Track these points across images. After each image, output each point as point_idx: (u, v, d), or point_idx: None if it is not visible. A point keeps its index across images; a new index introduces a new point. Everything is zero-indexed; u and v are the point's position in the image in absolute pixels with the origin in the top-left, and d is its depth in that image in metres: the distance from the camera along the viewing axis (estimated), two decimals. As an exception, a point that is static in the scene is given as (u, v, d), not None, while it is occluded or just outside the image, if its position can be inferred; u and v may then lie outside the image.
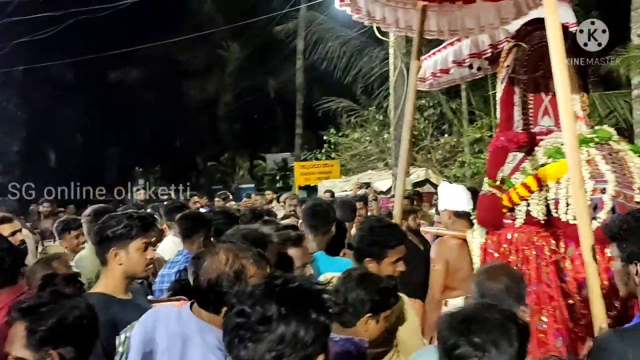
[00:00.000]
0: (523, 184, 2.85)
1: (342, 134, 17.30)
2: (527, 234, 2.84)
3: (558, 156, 2.82)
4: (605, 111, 11.62)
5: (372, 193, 10.05)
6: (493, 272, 2.30)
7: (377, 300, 2.36)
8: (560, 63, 2.46)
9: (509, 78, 3.20)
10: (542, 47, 3.07)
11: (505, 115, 3.23)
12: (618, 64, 10.66)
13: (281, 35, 19.81)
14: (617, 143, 2.98)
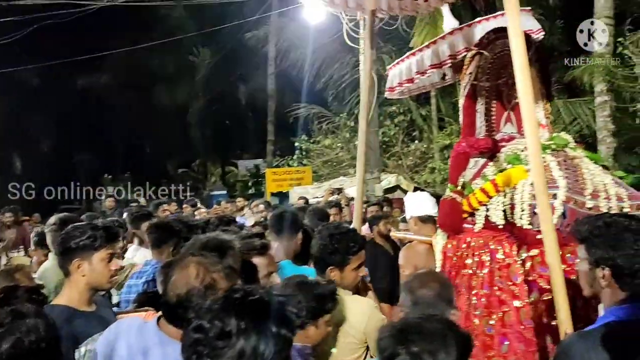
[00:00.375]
0: (482, 190, 2.89)
1: (314, 140, 17.35)
2: (484, 239, 2.88)
3: (516, 162, 2.87)
4: (570, 118, 11.90)
5: (344, 199, 10.07)
6: (424, 279, 2.33)
7: (315, 307, 2.39)
8: (523, 71, 2.51)
9: (472, 86, 3.24)
10: (504, 55, 3.12)
11: (468, 121, 3.27)
12: (582, 72, 10.99)
13: (252, 41, 19.78)
14: (574, 150, 3.02)
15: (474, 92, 3.24)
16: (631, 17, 10.68)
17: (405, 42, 12.87)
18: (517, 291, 2.71)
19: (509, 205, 2.81)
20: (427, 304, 2.19)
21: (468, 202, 2.96)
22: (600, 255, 1.90)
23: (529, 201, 2.71)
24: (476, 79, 3.20)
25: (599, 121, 10.79)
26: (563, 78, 12.32)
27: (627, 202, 2.70)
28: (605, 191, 2.71)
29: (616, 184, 2.80)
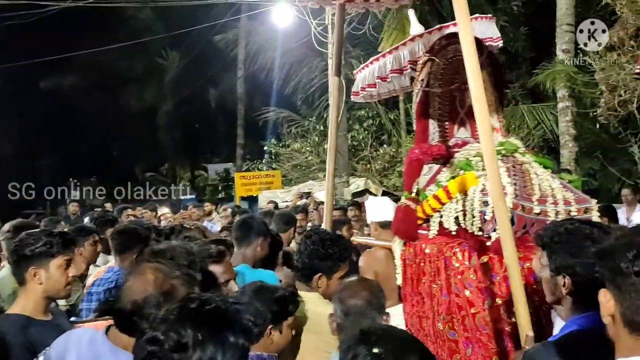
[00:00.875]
0: (434, 196, 2.90)
1: (283, 144, 17.32)
2: (438, 246, 2.88)
3: (468, 168, 2.88)
4: (534, 123, 12.11)
5: (312, 203, 10.07)
6: (353, 289, 2.33)
7: (276, 311, 2.35)
8: (475, 77, 2.51)
9: (424, 92, 3.25)
10: (456, 61, 3.11)
11: (421, 128, 3.28)
12: (544, 77, 11.21)
13: (220, 44, 19.68)
14: (523, 155, 3.02)
15: (427, 98, 3.25)
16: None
17: (374, 47, 12.97)
18: (471, 298, 2.72)
19: (461, 211, 2.82)
20: (359, 313, 2.20)
21: (422, 209, 2.96)
22: (560, 263, 1.89)
23: (479, 208, 2.71)
24: (428, 85, 3.21)
25: (561, 126, 11.01)
26: (527, 83, 12.57)
27: (575, 205, 2.72)
28: (552, 196, 2.71)
29: (564, 188, 2.82)
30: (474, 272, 2.71)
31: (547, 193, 2.72)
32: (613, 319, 1.35)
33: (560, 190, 2.77)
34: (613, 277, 1.35)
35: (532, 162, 2.96)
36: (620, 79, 8.96)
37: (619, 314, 1.33)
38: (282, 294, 2.42)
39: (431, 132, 3.27)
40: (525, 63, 13.82)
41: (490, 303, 2.67)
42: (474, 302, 2.70)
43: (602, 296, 1.38)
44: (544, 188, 2.75)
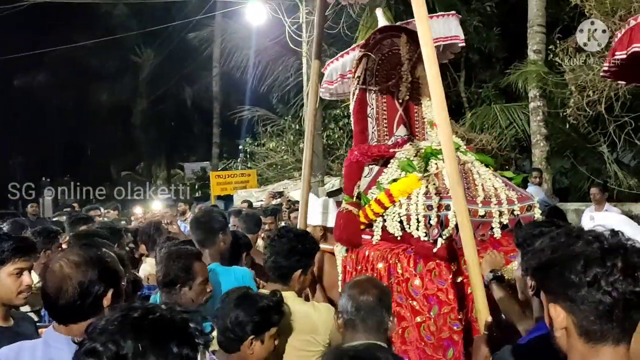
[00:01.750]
0: (377, 200, 2.78)
1: (259, 143, 17.21)
2: (382, 252, 2.77)
3: (409, 169, 2.79)
4: (506, 122, 12.19)
5: (285, 202, 10.00)
6: (363, 286, 2.27)
7: (258, 321, 2.27)
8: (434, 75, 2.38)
9: (360, 90, 3.12)
10: (393, 55, 3.05)
11: (359, 127, 3.15)
12: (516, 77, 11.31)
13: (195, 42, 19.48)
14: (464, 154, 2.95)
15: (364, 96, 3.13)
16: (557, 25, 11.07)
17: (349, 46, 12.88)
18: (417, 307, 2.62)
19: (405, 216, 2.71)
20: (369, 310, 2.15)
21: (364, 214, 2.84)
22: (529, 265, 1.89)
23: (423, 212, 2.62)
24: (364, 82, 3.10)
25: (533, 125, 11.14)
26: (500, 83, 12.66)
27: (518, 204, 2.67)
28: (496, 195, 2.66)
29: (506, 187, 2.76)
30: (420, 279, 2.62)
31: (491, 193, 2.66)
32: (566, 331, 1.31)
33: (503, 189, 2.71)
34: (563, 290, 1.30)
35: (474, 161, 2.87)
36: (589, 79, 9.07)
37: (573, 325, 1.30)
38: (266, 304, 2.32)
39: (370, 132, 3.14)
40: (499, 63, 13.90)
41: (436, 311, 2.59)
42: (420, 311, 2.62)
43: (552, 311, 1.33)
44: (487, 188, 2.68)
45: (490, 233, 2.65)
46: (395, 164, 2.91)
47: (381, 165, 3.00)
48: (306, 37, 12.71)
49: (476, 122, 12.53)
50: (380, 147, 3.03)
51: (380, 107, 3.13)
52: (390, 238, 2.77)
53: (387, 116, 3.14)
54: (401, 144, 3.04)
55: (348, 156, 3.05)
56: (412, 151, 2.90)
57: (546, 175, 10.75)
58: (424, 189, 2.68)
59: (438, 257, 2.57)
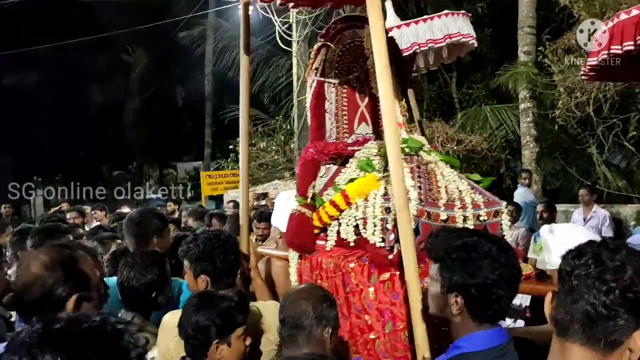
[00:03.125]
0: (331, 202, 2.57)
1: (250, 143, 17.12)
2: (336, 259, 2.56)
3: (368, 169, 2.60)
4: (496, 123, 12.17)
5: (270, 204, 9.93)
6: (292, 297, 2.20)
7: (220, 324, 2.17)
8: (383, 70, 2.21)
9: (318, 83, 2.89)
10: (355, 47, 2.86)
11: (316, 123, 2.90)
12: (507, 79, 11.29)
13: (186, 41, 19.38)
14: (428, 153, 2.72)
15: (322, 90, 2.90)
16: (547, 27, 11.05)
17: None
18: (370, 321, 2.42)
19: (361, 219, 2.50)
20: (293, 323, 2.08)
21: (318, 217, 2.64)
22: (456, 282, 1.75)
23: (380, 215, 2.42)
24: (323, 74, 2.89)
25: (522, 127, 11.12)
26: (490, 84, 12.64)
27: (484, 209, 2.47)
28: (460, 199, 2.46)
29: (473, 190, 2.57)
30: (374, 291, 2.40)
31: (455, 197, 2.47)
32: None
33: (468, 192, 2.51)
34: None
35: (438, 162, 2.68)
36: (577, 81, 9.05)
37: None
38: (227, 305, 2.22)
39: (328, 129, 2.91)
40: (490, 64, 13.88)
41: (390, 327, 2.38)
42: (374, 326, 2.41)
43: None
44: (451, 191, 2.49)
45: None
46: (354, 163, 2.71)
47: (339, 165, 2.81)
48: (296, 36, 12.68)
49: (467, 123, 12.51)
50: (339, 144, 2.83)
51: (340, 102, 2.91)
52: (346, 244, 2.58)
53: (347, 112, 2.92)
54: (362, 143, 2.83)
55: (302, 154, 2.87)
56: (374, 150, 2.70)
57: (536, 177, 10.73)
58: (383, 190, 2.48)
59: (393, 266, 2.37)
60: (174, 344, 2.34)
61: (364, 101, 2.92)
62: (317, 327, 2.07)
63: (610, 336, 1.25)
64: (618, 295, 1.24)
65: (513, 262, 1.78)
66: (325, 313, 2.12)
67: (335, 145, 2.82)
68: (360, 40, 2.81)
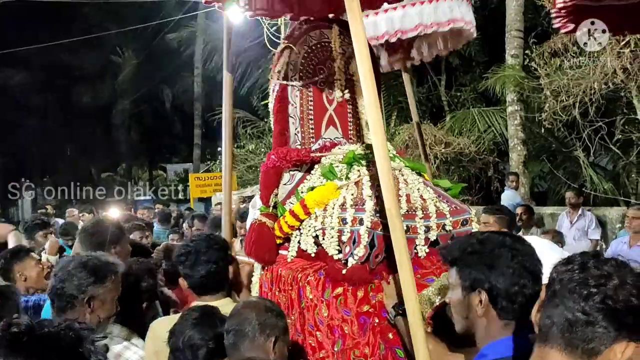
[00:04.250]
0: (291, 211, 2.47)
1: (238, 145, 17.06)
2: (294, 272, 2.44)
3: (330, 176, 2.48)
4: (484, 126, 12.19)
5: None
6: (239, 307, 2.13)
7: (213, 348, 2.08)
8: (366, 71, 2.08)
9: (282, 86, 2.76)
10: (322, 48, 2.74)
11: (279, 129, 2.77)
12: (494, 82, 11.31)
13: (175, 43, 19.30)
14: (392, 160, 2.55)
15: (285, 93, 2.78)
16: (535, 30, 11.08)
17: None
18: (321, 338, 2.30)
19: (320, 230, 2.40)
20: (236, 332, 2.00)
21: (279, 227, 2.53)
22: (475, 276, 1.64)
23: (338, 226, 2.31)
24: (286, 78, 2.76)
25: (510, 129, 11.13)
26: (478, 87, 12.66)
27: (450, 218, 2.37)
28: (423, 208, 2.35)
29: (439, 198, 2.46)
30: (326, 307, 2.27)
31: (417, 205, 2.34)
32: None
33: (433, 200, 2.40)
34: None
35: (403, 168, 2.56)
36: (564, 84, 9.06)
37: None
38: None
39: (292, 134, 2.77)
40: (479, 67, 13.91)
41: (340, 346, 2.25)
42: (324, 344, 2.29)
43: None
44: (413, 199, 2.37)
45: (415, 251, 2.32)
46: (318, 170, 2.60)
47: (305, 172, 2.69)
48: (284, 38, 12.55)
49: (455, 125, 12.51)
50: (301, 150, 2.70)
51: (306, 106, 2.76)
52: (307, 255, 2.47)
53: (313, 116, 2.76)
54: (330, 148, 2.69)
55: (265, 161, 2.75)
56: (339, 156, 2.59)
57: (523, 179, 10.73)
58: (341, 199, 2.37)
59: (347, 280, 2.26)
60: (164, 351, 2.22)
61: (332, 104, 2.78)
62: (260, 335, 2.00)
63: (588, 344, 1.22)
64: (598, 301, 1.21)
65: (532, 251, 1.67)
66: (269, 322, 2.04)
67: (298, 151, 2.70)
68: (328, 41, 2.70)
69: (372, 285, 2.20)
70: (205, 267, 2.45)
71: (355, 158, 2.52)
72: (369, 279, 2.23)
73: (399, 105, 13.07)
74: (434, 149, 11.37)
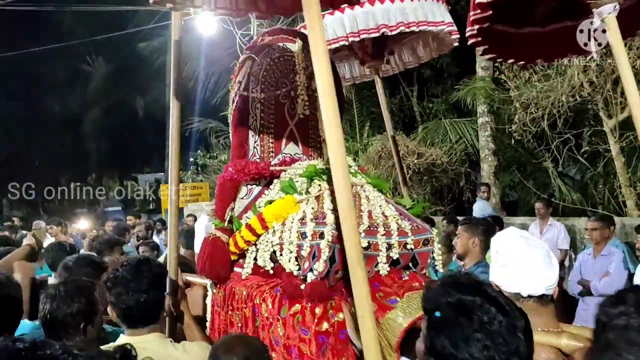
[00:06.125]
0: (247, 226, 2.38)
1: (211, 155, 16.89)
2: (248, 289, 2.34)
3: (290, 191, 2.41)
4: (456, 137, 12.29)
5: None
6: (228, 343, 2.00)
7: None
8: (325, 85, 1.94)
9: (242, 97, 2.67)
10: (284, 61, 2.67)
11: (238, 140, 2.71)
12: (465, 93, 11.44)
13: (146, 52, 19.10)
14: (354, 175, 2.50)
15: (245, 105, 2.70)
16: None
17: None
18: (276, 358, 2.20)
19: (277, 245, 2.31)
20: None
21: (234, 242, 2.44)
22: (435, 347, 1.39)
23: (297, 241, 2.23)
24: (247, 89, 2.67)
25: (481, 140, 11.25)
26: (450, 98, 12.78)
27: (411, 237, 2.30)
28: (385, 225, 2.29)
29: (400, 216, 2.39)
30: (283, 325, 2.18)
31: (379, 222, 2.28)
32: None
33: (395, 218, 2.34)
34: None
35: (365, 185, 2.50)
36: (532, 96, 9.21)
37: None
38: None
39: (252, 147, 2.69)
40: (450, 78, 14.05)
41: None
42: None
43: None
44: (375, 216, 2.31)
45: (375, 269, 2.25)
46: (278, 184, 2.52)
47: (264, 186, 2.60)
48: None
49: (427, 136, 12.59)
50: (260, 164, 2.61)
51: (266, 120, 2.67)
52: (263, 272, 2.37)
53: (274, 130, 2.67)
54: (289, 163, 2.61)
55: (223, 173, 2.67)
56: (299, 170, 2.52)
57: (494, 190, 10.84)
58: (301, 213, 2.30)
59: (306, 297, 2.16)
60: None
61: (293, 119, 2.70)
62: None
63: None
64: None
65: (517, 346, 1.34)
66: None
67: (257, 164, 2.61)
68: (291, 55, 2.63)
69: (332, 302, 2.10)
70: (134, 297, 2.19)
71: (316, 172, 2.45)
72: (329, 295, 2.14)
73: (371, 116, 13.09)
74: (407, 159, 11.40)
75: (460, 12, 11.80)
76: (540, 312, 1.92)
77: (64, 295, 2.40)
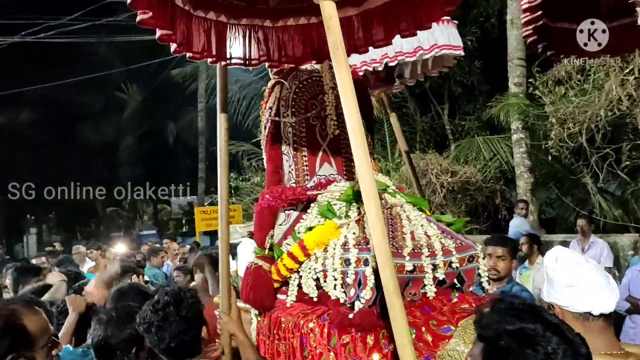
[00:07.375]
0: (289, 253, 2.31)
1: (243, 178, 17.00)
2: (295, 317, 2.25)
3: (329, 215, 2.35)
4: (490, 154, 12.10)
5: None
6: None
7: None
8: (350, 105, 1.92)
9: (273, 122, 2.65)
10: (312, 83, 2.67)
11: (272, 167, 2.67)
12: (498, 110, 11.26)
13: (178, 78, 19.51)
14: (393, 195, 2.44)
15: (278, 130, 2.68)
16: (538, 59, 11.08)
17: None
18: None
19: (321, 272, 2.24)
20: None
21: (277, 270, 2.38)
22: None
23: (340, 267, 2.15)
24: (278, 114, 2.66)
25: (516, 157, 11.03)
26: (482, 116, 12.62)
27: (456, 255, 2.21)
28: (429, 245, 2.20)
29: (443, 234, 2.32)
30: (335, 356, 2.08)
31: (422, 243, 2.20)
32: None
33: (438, 237, 2.26)
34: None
35: (405, 204, 2.42)
36: (569, 112, 9.00)
37: None
38: None
39: (287, 172, 2.65)
40: (482, 95, 13.90)
41: None
42: None
43: None
44: (417, 236, 2.23)
45: (422, 291, 2.16)
46: (315, 209, 2.45)
47: (301, 211, 2.54)
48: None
49: (460, 154, 12.44)
50: (297, 189, 2.55)
51: (299, 143, 2.64)
52: (308, 299, 2.30)
53: (307, 153, 2.63)
54: (325, 185, 2.55)
55: (259, 200, 2.61)
56: (336, 193, 2.45)
57: (531, 207, 10.59)
58: (343, 239, 2.22)
59: (355, 326, 2.07)
60: None
61: (325, 140, 2.66)
62: None
63: None
64: None
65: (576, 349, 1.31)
66: None
67: (294, 190, 2.56)
68: (319, 75, 2.61)
69: (384, 332, 2.00)
70: (174, 340, 2.21)
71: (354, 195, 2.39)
72: (379, 323, 2.05)
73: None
74: (440, 178, 11.26)
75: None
76: (606, 331, 1.92)
77: (116, 321, 2.45)
